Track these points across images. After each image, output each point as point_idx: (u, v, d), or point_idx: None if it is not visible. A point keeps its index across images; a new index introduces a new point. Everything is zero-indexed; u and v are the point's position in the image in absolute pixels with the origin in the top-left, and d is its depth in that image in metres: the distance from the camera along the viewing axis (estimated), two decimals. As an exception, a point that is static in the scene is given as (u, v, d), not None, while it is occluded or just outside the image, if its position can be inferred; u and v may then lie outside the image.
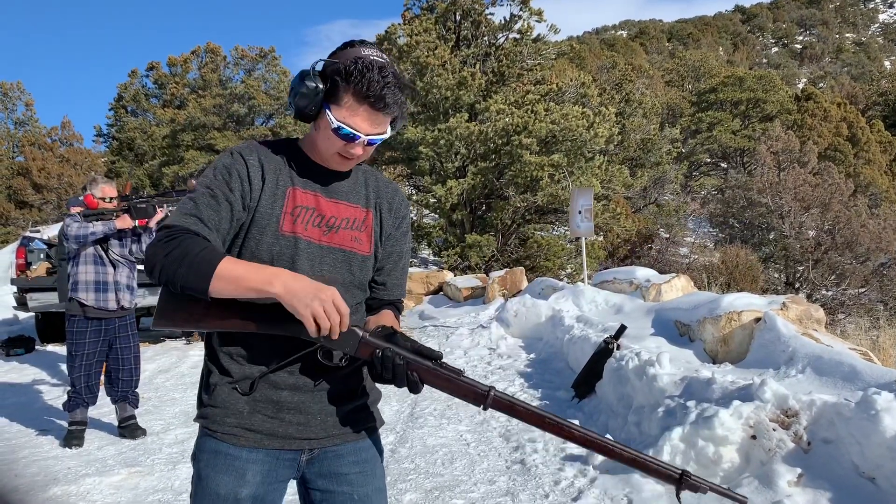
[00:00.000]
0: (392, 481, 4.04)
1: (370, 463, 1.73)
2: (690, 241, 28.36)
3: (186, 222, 1.53)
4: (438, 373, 1.55)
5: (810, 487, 3.21)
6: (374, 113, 1.56)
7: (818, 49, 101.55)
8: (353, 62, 1.54)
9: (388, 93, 1.55)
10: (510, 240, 18.88)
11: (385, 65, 1.56)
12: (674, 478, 1.52)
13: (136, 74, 36.19)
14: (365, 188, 1.76)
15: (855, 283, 19.49)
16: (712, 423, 3.56)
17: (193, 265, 1.44)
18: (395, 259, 1.79)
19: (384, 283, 1.79)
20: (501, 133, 16.76)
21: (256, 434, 1.61)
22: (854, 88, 56.92)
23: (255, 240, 1.61)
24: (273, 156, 1.67)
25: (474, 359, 7.67)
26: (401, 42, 18.03)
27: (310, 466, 1.68)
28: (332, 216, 1.67)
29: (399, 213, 1.80)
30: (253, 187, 1.61)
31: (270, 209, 1.62)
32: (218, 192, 1.59)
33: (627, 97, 26.28)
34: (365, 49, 1.59)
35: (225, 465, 1.61)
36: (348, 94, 1.55)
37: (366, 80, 1.53)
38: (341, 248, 1.67)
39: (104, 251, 5.09)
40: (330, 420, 1.66)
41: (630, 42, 77.52)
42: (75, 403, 5.02)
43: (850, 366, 4.48)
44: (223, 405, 1.62)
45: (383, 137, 1.62)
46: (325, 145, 1.62)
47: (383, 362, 1.52)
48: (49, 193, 31.86)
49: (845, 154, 32.55)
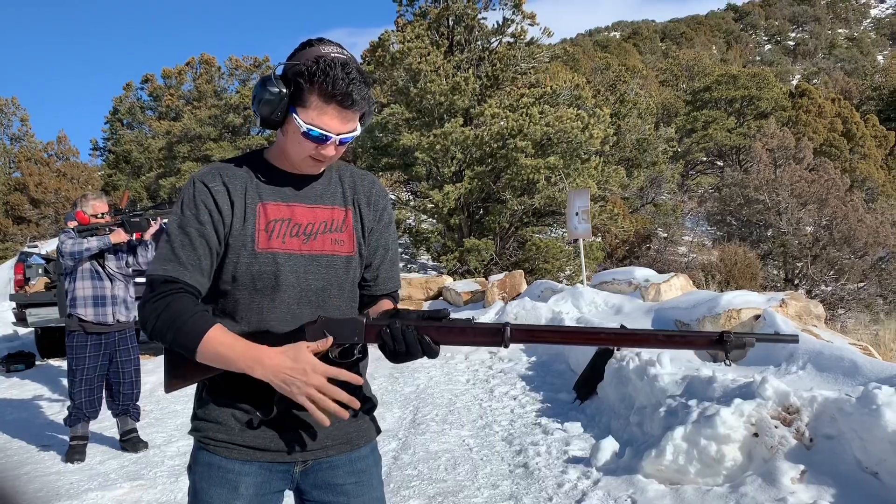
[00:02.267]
0: (395, 488, 4.03)
1: (366, 473, 1.71)
2: (688, 240, 28.37)
3: (167, 270, 1.54)
4: (450, 328, 1.53)
5: (814, 484, 3.21)
6: (342, 111, 1.52)
7: (811, 45, 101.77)
8: (315, 62, 1.50)
9: (355, 89, 1.51)
10: (508, 243, 18.88)
11: (348, 61, 1.52)
12: (715, 341, 1.50)
13: (132, 87, 36.21)
14: (340, 185, 1.72)
15: (854, 278, 19.51)
16: (714, 422, 3.56)
17: (180, 334, 1.49)
18: (381, 253, 1.75)
19: (375, 278, 1.76)
20: (497, 137, 16.78)
21: (248, 448, 1.60)
22: (848, 84, 57.00)
23: (232, 263, 1.58)
24: (237, 174, 1.63)
25: (475, 363, 7.67)
26: (394, 48, 18.06)
27: (304, 477, 1.67)
28: (308, 223, 1.64)
29: (378, 205, 1.75)
30: (223, 214, 1.59)
31: (242, 230, 1.59)
32: (190, 229, 1.57)
33: (622, 98, 26.32)
34: (325, 47, 1.54)
35: (218, 477, 1.60)
36: (314, 94, 1.51)
37: (330, 79, 1.49)
38: (322, 253, 1.64)
39: (101, 266, 5.09)
40: (323, 432, 1.64)
41: (623, 43, 77.63)
42: (76, 418, 5.01)
43: (851, 361, 4.49)
44: (215, 420, 1.61)
45: (355, 135, 1.58)
46: (296, 150, 1.58)
47: (393, 336, 1.50)
48: (46, 208, 31.81)
49: (841, 149, 32.59)
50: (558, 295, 9.09)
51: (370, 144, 19.03)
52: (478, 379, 6.94)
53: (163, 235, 1.62)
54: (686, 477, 3.60)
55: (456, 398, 6.21)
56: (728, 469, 3.52)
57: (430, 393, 6.43)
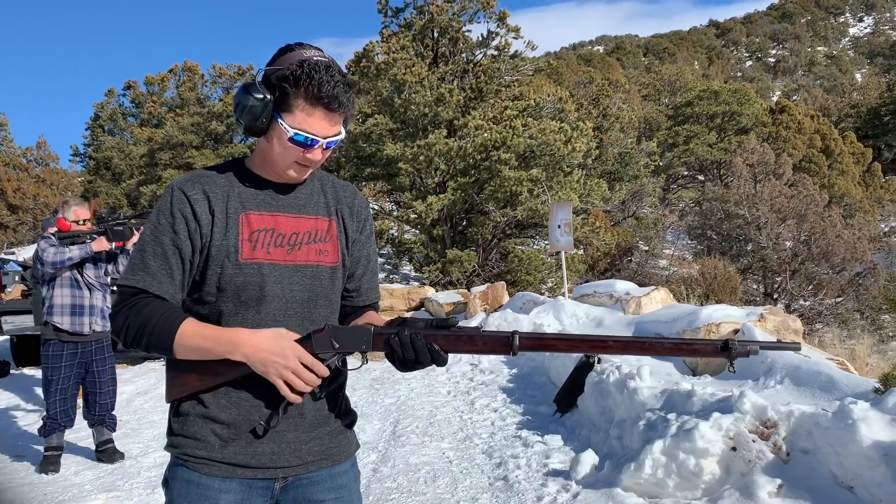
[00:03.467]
0: (374, 501, 4.01)
1: (346, 488, 1.70)
2: (669, 254, 28.57)
3: (136, 280, 1.54)
4: (459, 336, 1.53)
5: (790, 498, 3.23)
6: (329, 114, 1.52)
7: (791, 62, 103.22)
8: (300, 65, 1.49)
9: (340, 91, 1.51)
10: (491, 254, 18.91)
11: (331, 63, 1.52)
12: (718, 349, 1.54)
13: (113, 93, 35.93)
14: (323, 196, 1.70)
15: (831, 293, 19.72)
16: (693, 436, 3.58)
17: (153, 336, 1.49)
18: (364, 263, 1.75)
19: (357, 288, 1.75)
20: (480, 149, 16.83)
21: (228, 465, 1.58)
22: (827, 101, 57.90)
23: (216, 274, 1.56)
24: (219, 183, 1.61)
25: (456, 375, 7.65)
26: (379, 59, 18.08)
27: (284, 494, 1.65)
28: (293, 233, 1.62)
29: (361, 216, 1.75)
30: (201, 223, 1.56)
31: (224, 239, 1.56)
32: (164, 238, 1.55)
33: (605, 112, 26.50)
34: (306, 51, 1.53)
35: (197, 494, 1.58)
36: (300, 98, 1.50)
37: (316, 82, 1.48)
38: (307, 263, 1.62)
39: (80, 274, 5.02)
40: (304, 447, 1.63)
41: (607, 57, 78.28)
42: (51, 428, 4.93)
43: (828, 376, 4.54)
44: (194, 436, 1.59)
45: (340, 138, 1.57)
46: (282, 156, 1.56)
47: (402, 343, 1.50)
48: (25, 214, 31.47)
49: (819, 165, 33.00)
50: (540, 307, 9.11)
51: (354, 154, 19.02)
52: (459, 391, 6.93)
53: (137, 243, 1.60)
54: (665, 490, 3.61)
55: (436, 410, 6.20)
56: (706, 483, 3.54)
57: (410, 405, 6.41)
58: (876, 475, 3.01)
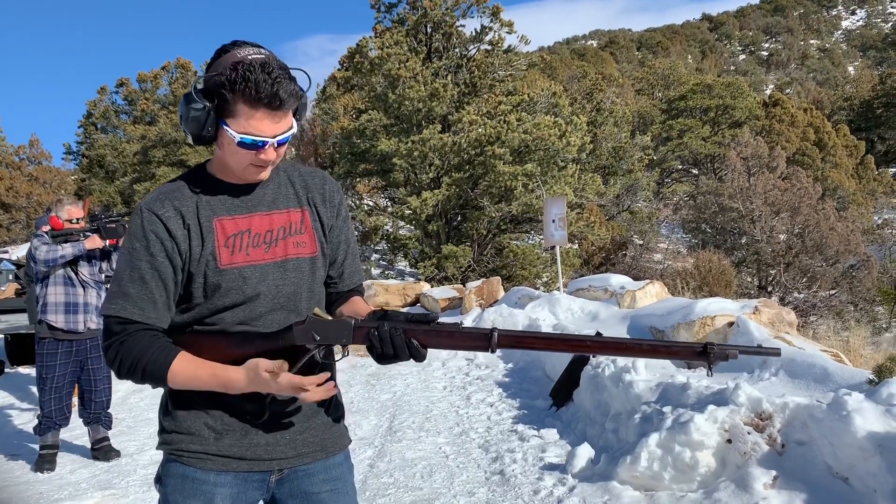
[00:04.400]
0: (371, 496, 4.01)
1: (341, 480, 1.70)
2: (664, 248, 28.62)
3: (116, 310, 1.54)
4: (438, 331, 1.52)
5: (785, 489, 3.24)
6: (272, 113, 1.48)
7: (784, 56, 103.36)
8: (234, 68, 1.45)
9: (280, 88, 1.46)
10: (486, 250, 18.91)
11: (266, 60, 1.47)
12: (699, 352, 1.50)
13: (106, 91, 35.81)
14: (292, 187, 1.69)
15: (825, 286, 19.78)
16: (688, 429, 3.59)
17: (146, 375, 1.52)
18: (344, 248, 1.75)
19: (340, 274, 1.75)
20: (474, 144, 16.82)
21: (224, 458, 1.58)
22: (820, 94, 58.03)
23: (200, 284, 1.57)
24: (187, 194, 1.60)
25: (452, 369, 7.66)
26: (372, 55, 18.05)
27: (280, 486, 1.66)
28: (267, 230, 1.62)
29: (334, 201, 1.73)
30: (177, 240, 1.56)
31: (202, 250, 1.56)
32: (141, 263, 1.55)
33: (598, 106, 26.51)
34: (240, 50, 1.49)
35: (193, 489, 1.58)
36: (239, 102, 1.46)
37: (252, 84, 1.43)
38: (286, 258, 1.62)
39: (74, 272, 5.00)
40: (299, 439, 1.63)
41: (600, 52, 78.29)
42: (46, 427, 4.92)
43: (822, 367, 4.56)
44: (187, 430, 1.59)
45: (291, 133, 1.54)
46: (235, 161, 1.55)
47: (381, 338, 1.49)
48: (18, 213, 31.33)
49: (813, 158, 33.07)
50: (535, 302, 9.12)
51: (348, 150, 18.99)
52: (455, 386, 6.94)
53: (114, 271, 1.61)
54: (661, 483, 3.62)
55: (433, 405, 6.20)
56: (702, 475, 3.55)
57: (406, 400, 6.41)
58: (870, 466, 3.02)
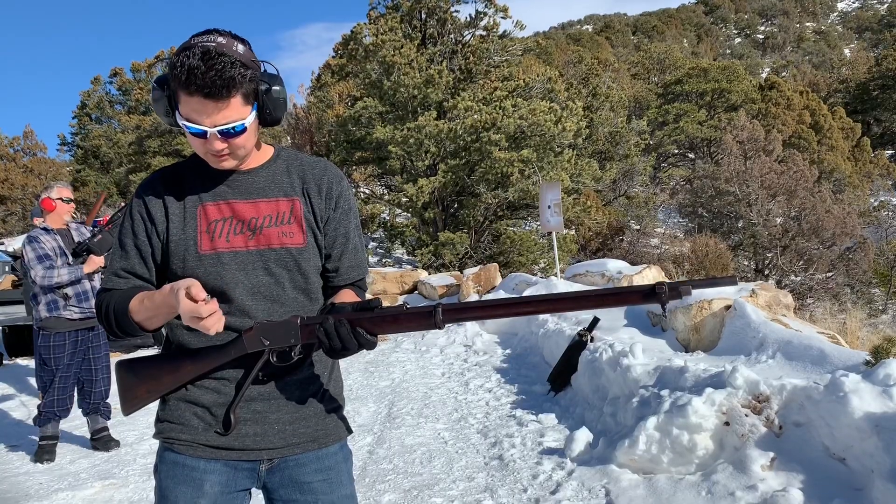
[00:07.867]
0: (370, 482, 4.03)
1: (335, 470, 1.69)
2: (661, 232, 28.62)
3: (105, 282, 1.66)
4: (383, 317, 1.51)
5: (783, 471, 3.26)
6: (207, 102, 1.42)
7: (780, 39, 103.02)
8: (177, 55, 1.41)
9: (217, 75, 1.39)
10: (483, 236, 18.91)
11: (212, 48, 1.41)
12: (648, 294, 1.40)
13: (100, 81, 35.58)
14: (287, 176, 1.66)
15: (822, 268, 19.83)
16: (686, 412, 3.60)
17: (116, 318, 1.59)
18: (341, 242, 1.70)
19: (336, 269, 1.72)
20: (470, 130, 16.77)
21: (212, 448, 1.60)
22: (816, 77, 57.90)
23: (179, 268, 1.59)
24: (176, 179, 1.63)
25: (450, 356, 7.68)
26: (367, 41, 17.95)
27: (271, 475, 1.66)
28: (252, 218, 1.60)
29: (332, 193, 1.68)
30: (156, 222, 1.61)
31: (182, 234, 1.59)
32: (126, 240, 1.63)
33: (594, 91, 26.43)
34: (197, 38, 1.45)
35: (183, 475, 1.61)
36: (179, 90, 1.43)
37: (186, 70, 1.39)
38: (269, 247, 1.60)
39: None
40: (288, 429, 1.63)
41: (596, 36, 77.94)
42: (47, 418, 4.93)
43: (819, 349, 4.57)
44: (178, 420, 1.62)
45: (241, 123, 1.48)
46: (196, 148, 1.55)
47: (326, 333, 1.48)
48: (13, 204, 31.24)
49: (809, 141, 33.07)
50: (533, 287, 9.13)
51: (343, 138, 18.94)
52: (453, 372, 6.96)
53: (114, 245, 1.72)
54: (659, 466, 3.64)
55: (431, 392, 6.22)
56: (700, 458, 3.57)
57: (405, 387, 6.43)
58: (867, 446, 3.03)
